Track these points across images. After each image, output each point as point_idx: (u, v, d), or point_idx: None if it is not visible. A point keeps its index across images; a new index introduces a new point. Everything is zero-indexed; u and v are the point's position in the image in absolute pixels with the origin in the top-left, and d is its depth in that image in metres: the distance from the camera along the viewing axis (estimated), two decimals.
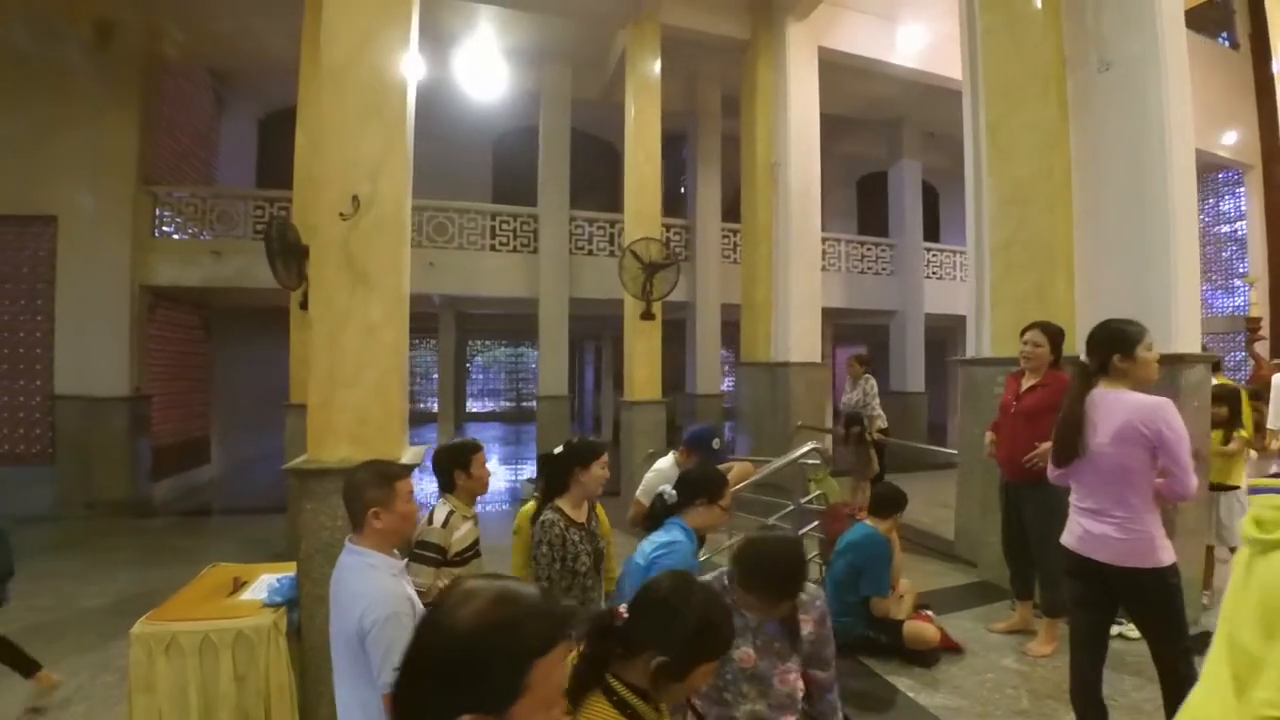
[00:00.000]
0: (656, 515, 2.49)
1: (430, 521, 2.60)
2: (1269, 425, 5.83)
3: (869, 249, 11.63)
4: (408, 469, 2.13)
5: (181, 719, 2.72)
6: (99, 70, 7.90)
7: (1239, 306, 13.12)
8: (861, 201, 13.93)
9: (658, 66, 7.94)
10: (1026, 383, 3.79)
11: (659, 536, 2.38)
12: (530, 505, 2.83)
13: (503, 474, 10.73)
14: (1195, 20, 12.14)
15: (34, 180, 7.72)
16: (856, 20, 8.66)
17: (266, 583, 3.21)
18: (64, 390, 7.89)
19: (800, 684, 1.96)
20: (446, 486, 2.71)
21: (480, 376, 25.36)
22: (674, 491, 2.46)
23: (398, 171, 3.27)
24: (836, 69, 8.93)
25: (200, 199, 8.86)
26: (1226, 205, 14.48)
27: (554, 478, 2.65)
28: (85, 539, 6.85)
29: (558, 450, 2.69)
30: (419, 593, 2.45)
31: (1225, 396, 4.26)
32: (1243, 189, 12.75)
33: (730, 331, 10.16)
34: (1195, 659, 2.54)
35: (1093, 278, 4.43)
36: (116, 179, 8.07)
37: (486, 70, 8.59)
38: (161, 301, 9.06)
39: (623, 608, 1.45)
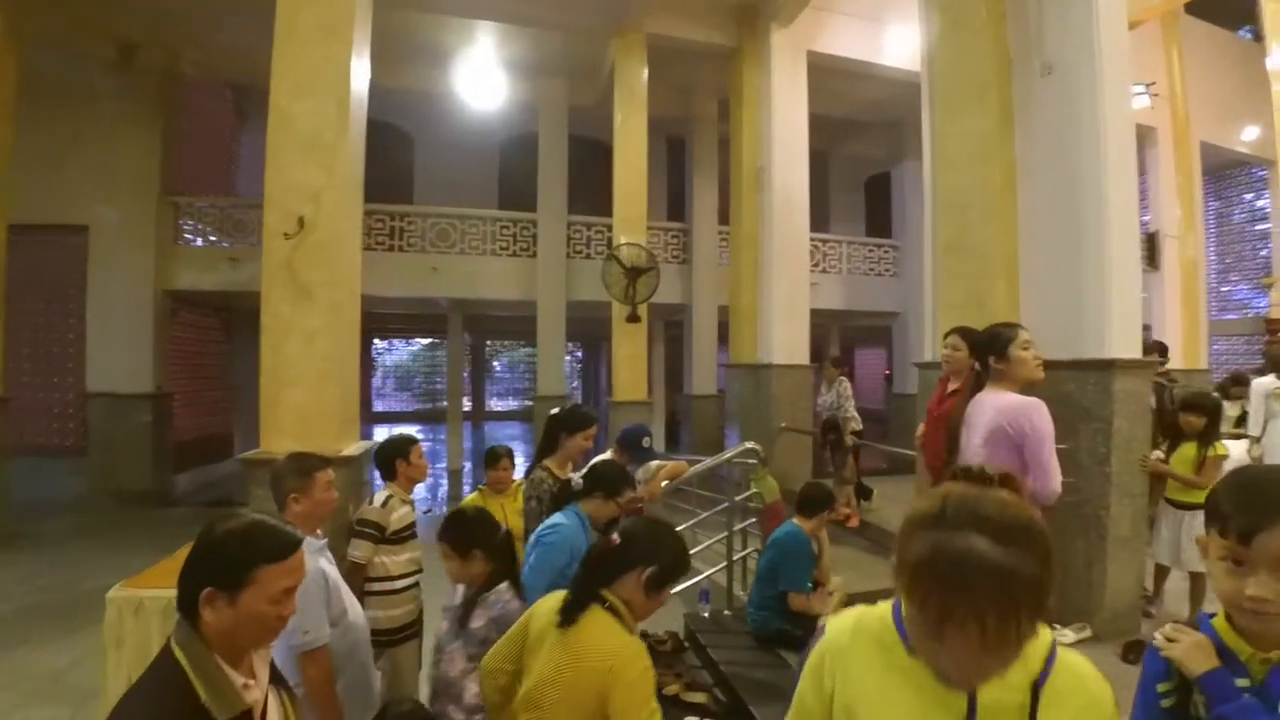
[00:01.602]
0: (559, 499, 2.70)
1: (371, 503, 2.95)
2: (1248, 432, 5.71)
3: (871, 250, 11.60)
4: (326, 461, 2.40)
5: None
6: (122, 89, 8.50)
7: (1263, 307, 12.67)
8: (869, 202, 13.86)
9: (644, 77, 8.14)
10: (951, 386, 3.88)
11: (554, 518, 2.59)
12: (473, 496, 3.37)
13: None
14: (1214, 12, 11.80)
15: (66, 192, 8.34)
16: (846, 24, 8.69)
17: None
18: (94, 387, 8.52)
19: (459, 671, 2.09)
20: (387, 475, 3.05)
21: (506, 376, 25.94)
22: (580, 480, 2.67)
23: (337, 197, 3.56)
24: (835, 72, 8.98)
25: (218, 208, 9.40)
26: (1263, 201, 13.97)
27: (545, 439, 3.09)
28: (108, 526, 7.40)
29: (554, 412, 3.16)
30: (357, 564, 2.78)
31: (1201, 405, 4.09)
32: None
33: (727, 333, 10.29)
34: None
35: (1034, 283, 4.46)
36: (140, 190, 8.66)
37: (487, 82, 8.89)
38: (183, 305, 9.66)
39: (615, 536, 1.75)
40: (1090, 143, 4.13)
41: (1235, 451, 4.22)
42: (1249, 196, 13.89)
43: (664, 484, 3.90)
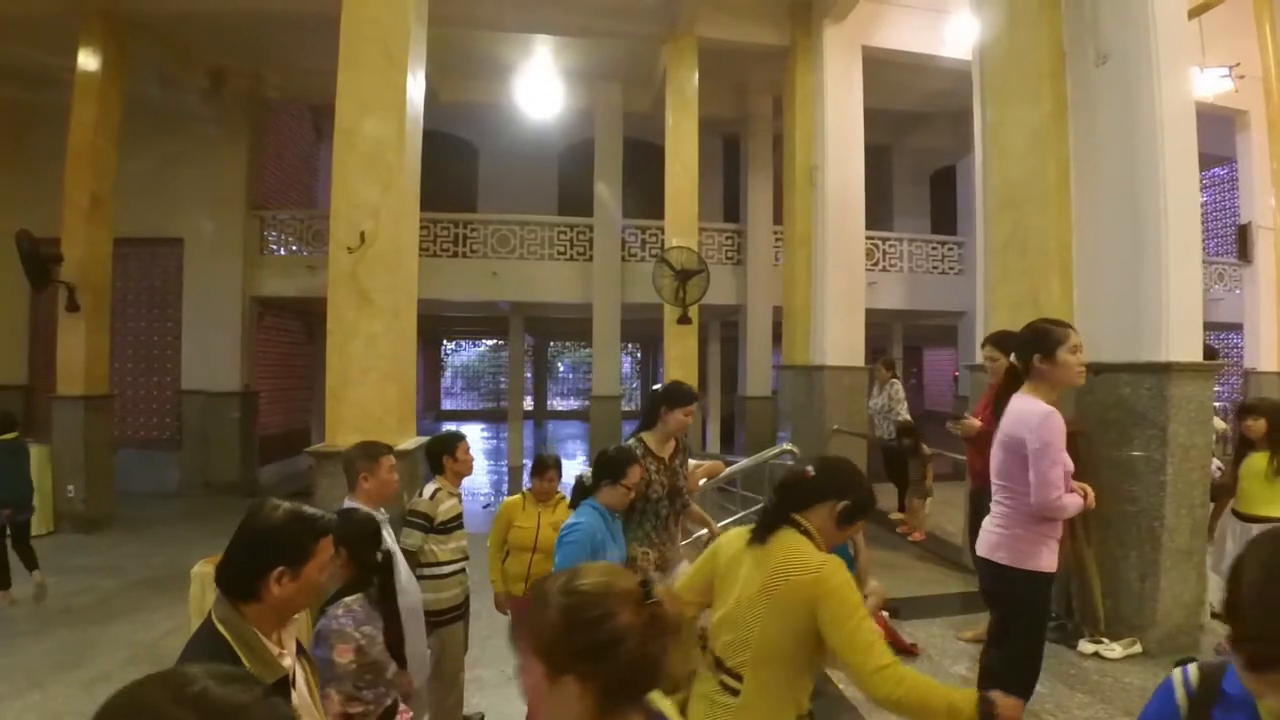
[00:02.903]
0: (576, 496, 2.86)
1: (421, 495, 3.18)
2: None
3: (935, 248, 11.29)
4: (389, 448, 2.74)
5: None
6: (214, 112, 9.25)
7: None
8: (935, 197, 13.45)
9: (694, 80, 8.23)
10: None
11: (571, 518, 2.73)
12: (515, 499, 3.42)
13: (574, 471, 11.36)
14: None
15: (164, 208, 9.14)
16: (902, 16, 8.51)
17: None
18: (188, 386, 9.30)
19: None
20: (436, 469, 3.28)
21: (569, 376, 26.49)
22: (589, 475, 2.81)
23: (396, 211, 3.84)
24: (896, 65, 8.82)
25: (298, 219, 10.06)
26: None
27: (647, 415, 3.17)
28: (201, 512, 8.08)
29: (655, 388, 3.35)
30: (409, 552, 3.04)
31: (1260, 408, 3.86)
32: None
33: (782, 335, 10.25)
34: (1023, 673, 2.58)
35: (1090, 281, 4.32)
36: (230, 205, 9.40)
37: (545, 92, 9.19)
38: (268, 310, 10.39)
39: (809, 468, 1.83)
40: (1147, 134, 3.98)
41: None
42: None
43: (701, 482, 4.00)
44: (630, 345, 23.25)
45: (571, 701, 0.88)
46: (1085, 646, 3.81)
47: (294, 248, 10.19)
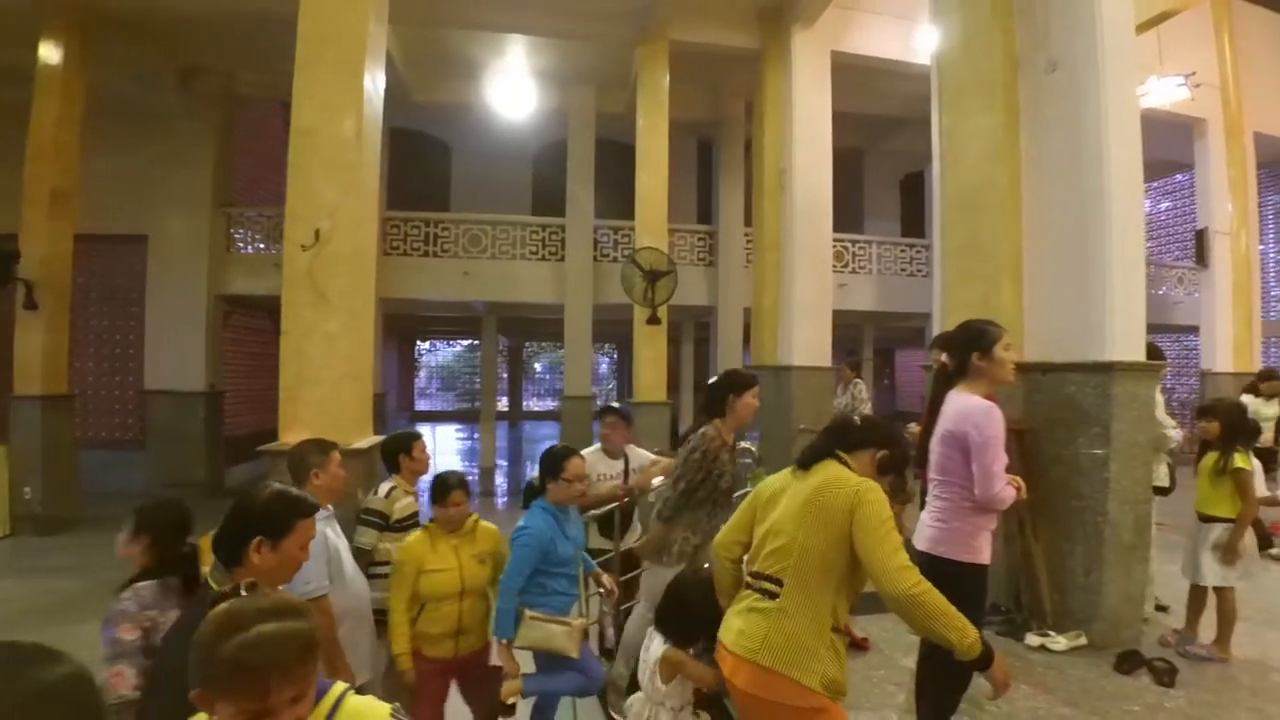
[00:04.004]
0: (527, 497, 2.91)
1: (376, 493, 3.18)
2: None
3: (903, 250, 11.46)
4: (335, 445, 2.74)
5: None
6: (182, 108, 9.13)
7: None
8: (904, 201, 13.67)
9: (666, 83, 8.29)
10: None
11: (521, 520, 2.77)
12: (417, 539, 2.67)
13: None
14: None
15: (129, 204, 9.00)
16: (872, 23, 8.65)
17: None
18: (152, 385, 9.16)
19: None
20: (392, 468, 3.28)
21: (546, 377, 26.44)
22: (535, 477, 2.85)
23: (354, 211, 3.84)
24: (867, 71, 8.94)
25: (267, 217, 9.95)
26: None
27: (712, 402, 3.07)
28: None
29: (713, 380, 3.21)
30: (364, 550, 3.02)
31: (1215, 409, 3.93)
32: None
33: None
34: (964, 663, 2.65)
35: (1039, 284, 4.42)
36: (197, 202, 9.28)
37: (518, 92, 9.20)
38: (236, 309, 10.25)
39: (856, 417, 2.15)
40: (1093, 141, 4.09)
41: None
42: None
43: (658, 480, 4.04)
44: (606, 346, 23.27)
45: None
46: (1032, 639, 3.89)
47: (262, 246, 10.08)
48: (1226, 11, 10.53)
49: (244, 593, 1.09)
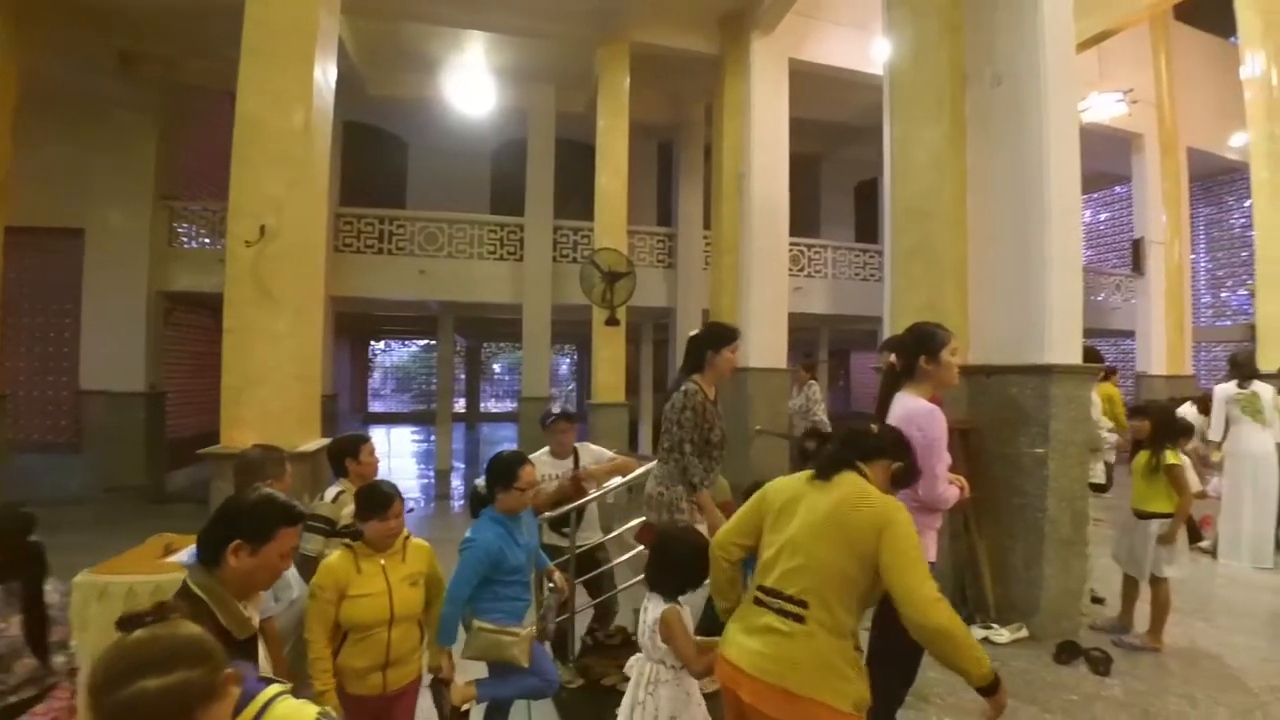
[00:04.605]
0: (474, 505, 2.82)
1: (323, 498, 3.08)
2: (1209, 437, 5.78)
3: (858, 255, 11.71)
4: (289, 454, 2.64)
5: None
6: (123, 96, 8.74)
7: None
8: (859, 207, 13.97)
9: (626, 85, 8.30)
10: None
11: (469, 531, 2.68)
12: (337, 560, 2.30)
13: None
14: (1206, 19, 11.83)
15: (64, 195, 8.58)
16: (830, 32, 8.81)
17: (189, 549, 3.74)
18: (88, 386, 8.75)
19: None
20: (340, 472, 3.17)
21: (506, 378, 26.17)
22: (483, 484, 2.78)
23: (302, 207, 3.73)
24: (825, 79, 9.10)
25: (212, 211, 9.61)
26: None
27: (692, 357, 3.08)
28: (104, 519, 7.58)
29: (693, 334, 3.17)
30: (310, 557, 2.92)
31: (1148, 410, 4.16)
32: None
33: None
34: (910, 659, 2.70)
35: (982, 290, 4.57)
36: (137, 194, 8.90)
37: (477, 89, 9.08)
38: (179, 306, 9.87)
39: (873, 425, 2.09)
40: (1035, 153, 4.25)
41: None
42: (1247, 203, 13.89)
43: (615, 480, 4.05)
44: (565, 346, 23.17)
45: None
46: (976, 632, 4.00)
47: (207, 241, 9.73)
48: (1163, 32, 11.07)
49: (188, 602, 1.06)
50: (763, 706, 1.75)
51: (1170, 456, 3.88)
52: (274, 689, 1.09)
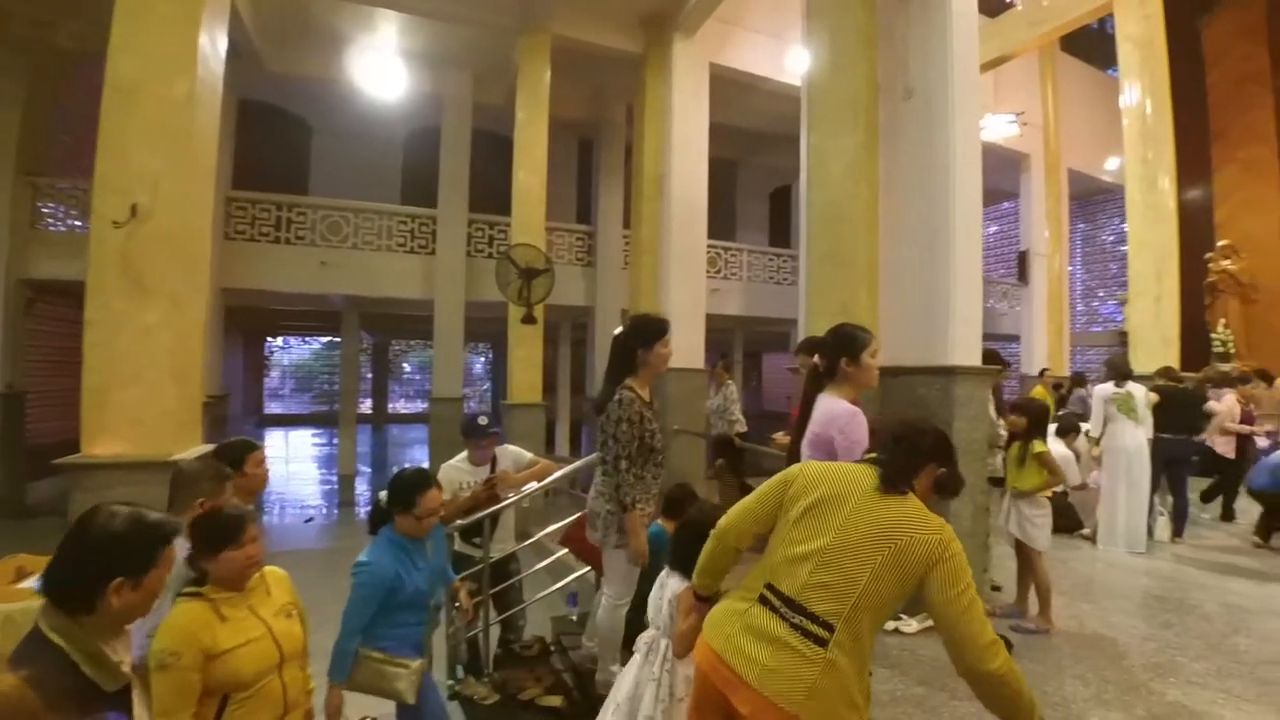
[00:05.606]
0: (374, 521, 2.56)
1: None
2: (1090, 433, 6.20)
3: (771, 259, 11.99)
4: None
5: None
6: None
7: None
8: (773, 213, 14.35)
9: (547, 78, 8.11)
10: None
11: (362, 554, 2.42)
12: (190, 611, 1.78)
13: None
14: (1088, 51, 12.91)
15: None
16: (749, 39, 8.95)
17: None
18: None
19: None
20: None
21: (416, 378, 25.21)
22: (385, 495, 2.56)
23: (181, 185, 3.36)
24: (742, 86, 9.22)
25: (83, 190, 8.65)
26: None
27: (619, 361, 2.82)
28: None
29: (617, 331, 2.90)
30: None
31: (1026, 408, 4.38)
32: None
33: None
34: None
35: (892, 293, 4.72)
36: None
37: (387, 72, 8.64)
38: (42, 296, 8.85)
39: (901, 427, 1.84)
40: (942, 163, 4.43)
41: (1057, 450, 4.55)
42: (1115, 221, 15.25)
43: (532, 485, 3.89)
44: (480, 345, 22.57)
45: None
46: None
47: (78, 224, 8.75)
48: (1050, 61, 11.98)
49: None
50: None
51: (1038, 446, 4.17)
52: None
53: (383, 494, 2.58)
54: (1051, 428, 4.87)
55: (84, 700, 1.19)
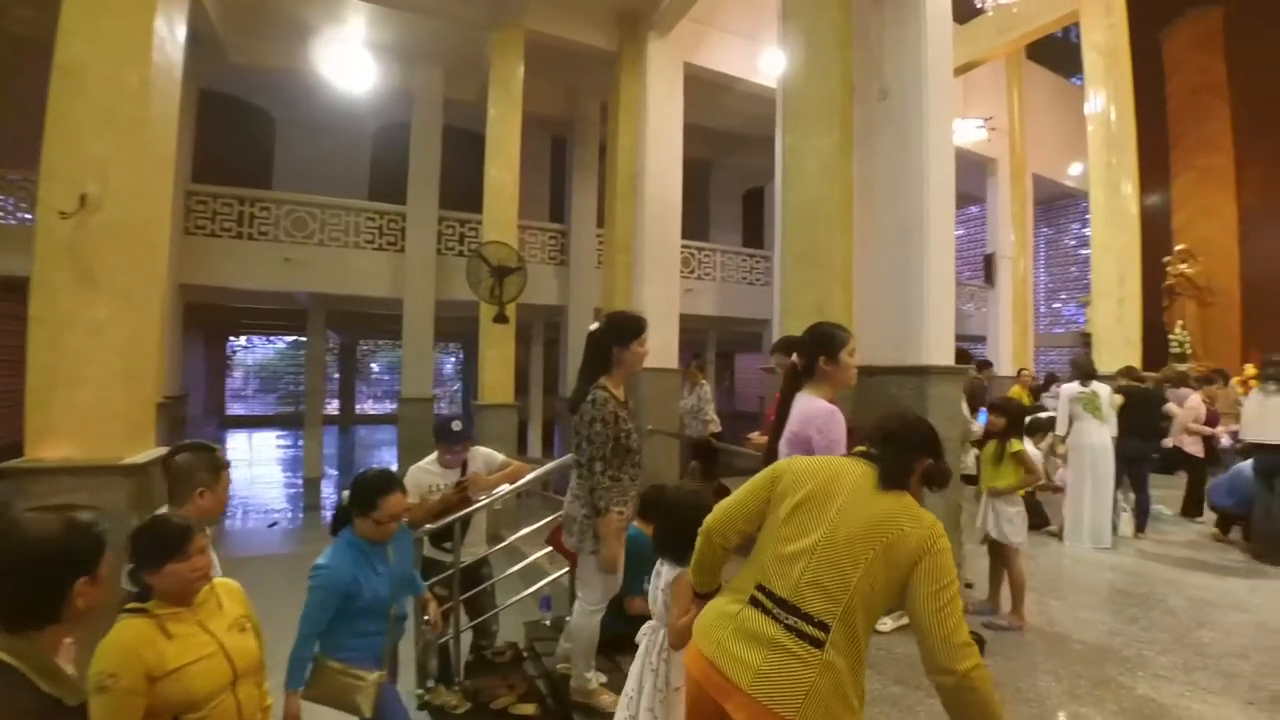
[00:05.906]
0: (337, 522, 2.48)
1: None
2: (1056, 431, 6.31)
3: (745, 260, 12.03)
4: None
5: None
6: None
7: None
8: (746, 214, 14.40)
9: (520, 73, 8.00)
10: None
11: (321, 557, 2.36)
12: (133, 629, 1.66)
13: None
14: (1054, 60, 13.21)
15: None
16: (724, 40, 8.94)
17: None
18: None
19: None
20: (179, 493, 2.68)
21: (385, 378, 24.78)
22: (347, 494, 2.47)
23: (134, 175, 3.20)
24: (717, 86, 9.21)
25: (31, 181, 8.28)
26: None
27: (594, 359, 2.75)
28: None
29: (593, 327, 2.82)
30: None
31: (1004, 408, 4.45)
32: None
33: None
34: None
35: (866, 293, 4.74)
36: None
37: (355, 65, 8.42)
38: None
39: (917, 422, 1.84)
40: (916, 164, 4.46)
41: (1031, 449, 4.61)
42: (1076, 226, 15.64)
43: (504, 487, 3.80)
44: (450, 345, 22.27)
45: None
46: None
47: (28, 216, 8.38)
48: (1016, 68, 12.24)
49: None
50: None
51: (1014, 445, 4.23)
52: None
53: (345, 493, 2.49)
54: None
55: (49, 717, 1.18)
